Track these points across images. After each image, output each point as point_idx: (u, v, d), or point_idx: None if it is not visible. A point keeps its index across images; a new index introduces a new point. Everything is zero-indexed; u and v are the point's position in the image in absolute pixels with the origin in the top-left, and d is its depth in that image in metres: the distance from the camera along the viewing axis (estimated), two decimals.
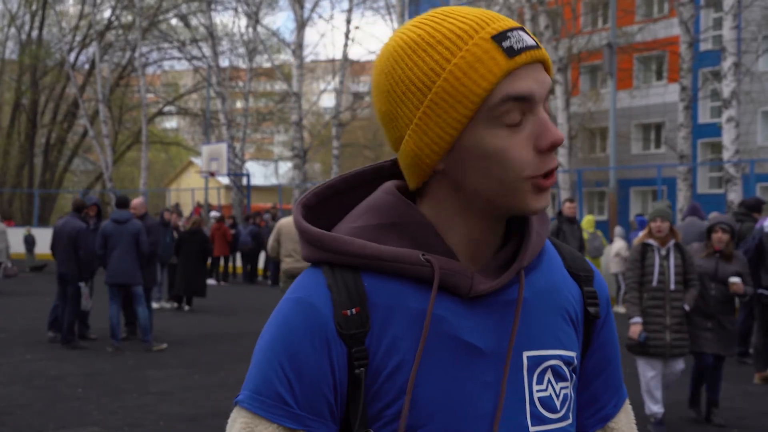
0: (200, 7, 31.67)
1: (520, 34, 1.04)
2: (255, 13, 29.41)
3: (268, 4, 33.00)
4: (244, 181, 28.18)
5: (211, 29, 29.14)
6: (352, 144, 38.50)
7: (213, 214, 21.21)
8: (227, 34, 34.45)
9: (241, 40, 31.02)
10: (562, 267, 1.22)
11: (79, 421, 6.55)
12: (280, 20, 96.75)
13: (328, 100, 46.83)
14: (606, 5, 29.75)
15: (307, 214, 1.19)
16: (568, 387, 1.16)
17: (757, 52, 24.19)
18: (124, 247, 9.91)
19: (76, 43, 37.68)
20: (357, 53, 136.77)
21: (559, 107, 22.81)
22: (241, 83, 34.63)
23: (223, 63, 32.31)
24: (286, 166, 42.24)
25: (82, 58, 38.51)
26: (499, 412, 1.09)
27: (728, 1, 15.57)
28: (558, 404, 1.14)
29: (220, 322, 12.94)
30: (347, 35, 26.85)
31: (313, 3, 27.46)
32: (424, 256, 1.08)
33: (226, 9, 34.57)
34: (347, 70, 31.94)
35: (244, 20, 41.26)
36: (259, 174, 41.41)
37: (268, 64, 33.81)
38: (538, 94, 1.05)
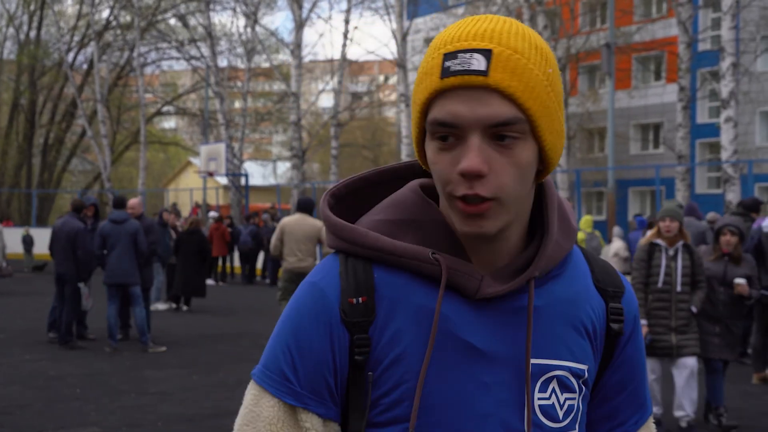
0: (199, 7, 31.66)
1: (471, 58, 1.04)
2: (253, 13, 29.41)
3: (267, 4, 33.00)
4: (243, 181, 28.16)
5: (209, 29, 29.13)
6: (350, 144, 38.51)
7: (212, 214, 21.20)
8: (226, 34, 34.41)
9: (239, 40, 31.03)
10: (588, 280, 1.22)
11: (78, 422, 6.55)
12: (279, 20, 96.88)
13: (327, 100, 46.83)
14: (604, 5, 29.76)
15: (336, 204, 1.23)
16: (576, 399, 1.17)
17: (756, 52, 24.21)
18: (123, 247, 9.90)
19: (75, 43, 37.64)
20: (355, 53, 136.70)
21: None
22: (240, 83, 34.62)
23: (222, 63, 32.31)
24: (284, 166, 42.19)
25: (81, 58, 38.53)
26: (528, 424, 1.12)
27: (726, 2, 15.59)
28: (560, 414, 1.15)
29: (219, 323, 12.94)
30: (346, 35, 26.84)
31: (312, 3, 27.43)
32: (434, 254, 1.11)
33: (225, 9, 34.55)
34: (346, 70, 31.94)
35: (242, 20, 41.16)
36: (258, 174, 41.38)
37: (266, 64, 33.80)
38: (465, 122, 1.04)
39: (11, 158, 39.91)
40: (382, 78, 49.23)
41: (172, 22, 36.39)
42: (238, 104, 41.77)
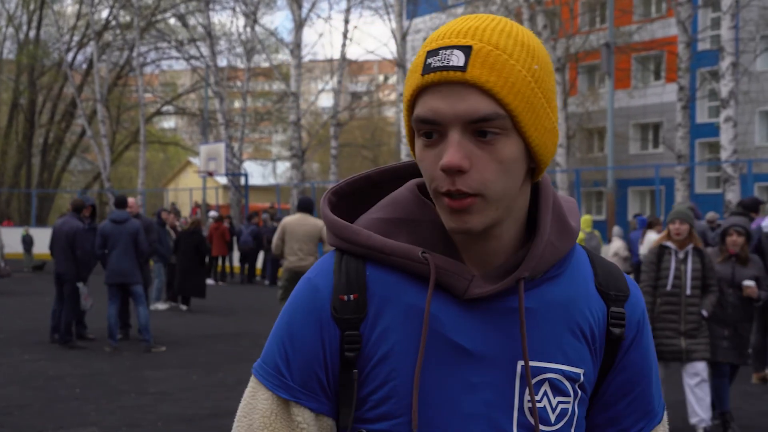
0: (198, 7, 31.66)
1: (450, 54, 1.05)
2: (253, 13, 29.41)
3: (266, 3, 32.98)
4: (242, 180, 28.16)
5: (209, 29, 29.12)
6: (350, 144, 38.50)
7: (211, 214, 21.20)
8: (225, 33, 34.41)
9: (239, 39, 31.02)
10: (590, 283, 1.21)
11: (78, 422, 6.55)
12: (278, 20, 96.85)
13: (326, 100, 46.86)
14: (604, 5, 29.76)
15: (338, 202, 1.24)
16: (570, 402, 1.16)
17: (755, 51, 24.21)
18: (123, 247, 9.91)
19: (74, 43, 37.65)
20: (355, 53, 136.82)
21: (557, 107, 22.82)
22: (239, 83, 34.63)
23: (221, 63, 32.31)
24: (284, 166, 42.19)
25: (80, 57, 38.54)
26: (535, 412, 1.12)
27: (726, 1, 15.58)
28: (552, 417, 1.14)
29: (219, 322, 12.94)
30: (345, 35, 26.84)
31: (311, 3, 27.36)
32: (423, 253, 1.12)
33: (224, 9, 34.53)
34: (345, 70, 31.93)
35: (242, 20, 41.14)
36: (257, 174, 41.40)
37: (266, 64, 33.80)
38: (445, 118, 1.05)
39: (11, 158, 39.92)
40: (381, 78, 49.23)
41: (172, 21, 36.43)
42: (237, 104, 41.77)
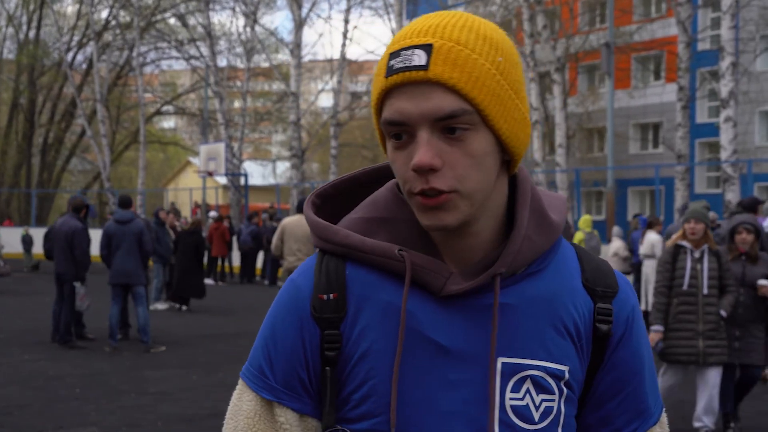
0: (198, 7, 31.65)
1: (412, 54, 1.05)
2: (253, 13, 29.41)
3: (266, 3, 32.99)
4: (242, 180, 28.16)
5: (208, 29, 29.12)
6: (349, 144, 38.49)
7: (212, 214, 21.20)
8: (225, 33, 34.42)
9: (239, 39, 31.02)
10: (575, 278, 1.19)
11: (78, 422, 6.55)
12: (278, 20, 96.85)
13: (326, 100, 46.83)
14: (604, 5, 29.75)
15: (323, 204, 1.25)
16: (554, 400, 1.13)
17: (755, 51, 24.21)
18: (127, 247, 9.90)
19: (74, 43, 37.65)
20: (355, 53, 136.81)
21: (556, 107, 22.83)
22: (239, 83, 34.63)
23: (221, 63, 32.31)
24: (283, 166, 42.19)
25: (80, 57, 38.56)
26: (493, 419, 1.10)
27: (726, 1, 15.58)
28: (536, 415, 1.12)
29: (219, 322, 12.94)
30: (345, 35, 26.85)
31: (311, 3, 27.37)
32: (400, 251, 1.12)
33: (224, 8, 34.57)
34: (345, 70, 31.92)
35: (242, 20, 41.15)
36: (257, 174, 41.41)
37: (266, 64, 33.80)
38: (412, 118, 1.05)
39: (11, 158, 39.92)
40: None
41: (172, 21, 36.43)
42: (237, 104, 41.77)
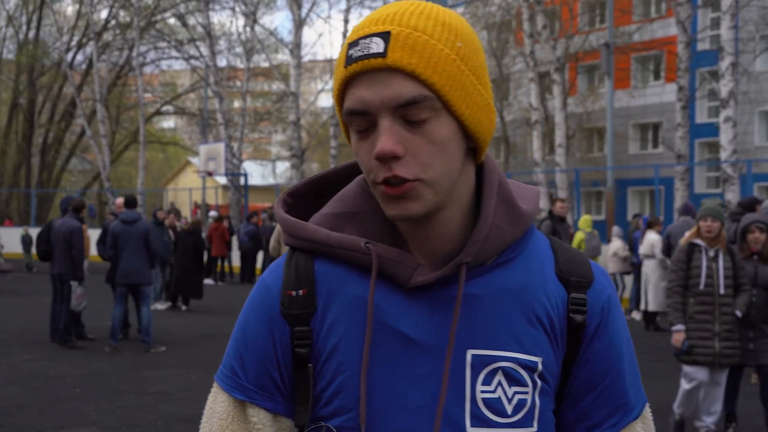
0: (198, 7, 31.65)
1: (370, 42, 1.04)
2: (253, 13, 29.41)
3: (266, 3, 32.99)
4: (242, 180, 28.16)
5: (208, 29, 29.12)
6: (349, 144, 38.46)
7: (212, 213, 21.21)
8: (225, 33, 34.43)
9: (238, 39, 31.02)
10: (549, 269, 1.16)
11: (78, 422, 6.55)
12: (278, 20, 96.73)
13: (326, 100, 46.79)
14: (603, 5, 29.76)
15: (296, 203, 1.24)
16: (528, 393, 1.11)
17: (755, 51, 24.21)
18: (134, 247, 9.90)
19: (74, 43, 37.65)
20: None
21: (556, 107, 22.83)
22: (239, 83, 34.64)
23: (221, 63, 32.32)
24: (283, 166, 42.20)
25: (80, 57, 38.56)
26: (440, 409, 1.08)
27: (726, 1, 15.58)
28: (509, 408, 1.10)
29: (218, 322, 12.93)
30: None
31: (311, 3, 27.37)
32: (366, 244, 1.11)
33: (224, 8, 34.56)
34: None
35: (241, 20, 41.20)
36: (257, 174, 41.41)
37: (265, 64, 33.81)
38: (372, 106, 1.04)
39: (10, 158, 39.93)
40: None
41: (172, 21, 36.44)
42: (237, 104, 41.77)
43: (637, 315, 13.53)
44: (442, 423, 1.08)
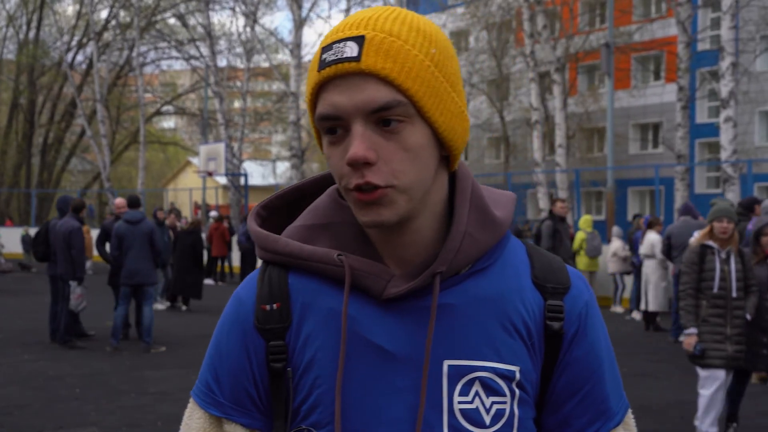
0: (198, 7, 31.66)
1: (344, 46, 1.02)
2: (253, 13, 29.40)
3: (266, 3, 33.00)
4: (242, 180, 28.15)
5: (208, 29, 29.12)
6: None
7: (212, 213, 21.21)
8: (225, 33, 34.44)
9: (238, 39, 31.01)
10: (525, 276, 1.15)
11: (78, 422, 6.55)
12: (278, 20, 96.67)
13: None
14: (603, 5, 29.77)
15: (270, 216, 1.23)
16: (506, 402, 1.09)
17: (755, 51, 24.22)
18: (139, 247, 9.88)
19: (74, 43, 37.66)
20: None
21: (556, 107, 22.82)
22: (239, 83, 34.63)
23: (221, 63, 32.34)
24: (283, 166, 42.21)
25: (80, 57, 38.57)
26: (419, 421, 1.07)
27: (726, 1, 15.57)
28: (487, 419, 1.08)
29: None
30: None
31: (311, 3, 27.38)
32: (339, 256, 1.09)
33: (224, 8, 34.56)
34: None
35: (241, 20, 41.22)
36: (257, 174, 41.41)
37: (266, 64, 33.81)
38: (345, 111, 1.02)
39: (10, 158, 39.95)
40: None
41: (172, 21, 36.44)
42: (237, 104, 41.79)
43: (637, 315, 13.53)
44: None
